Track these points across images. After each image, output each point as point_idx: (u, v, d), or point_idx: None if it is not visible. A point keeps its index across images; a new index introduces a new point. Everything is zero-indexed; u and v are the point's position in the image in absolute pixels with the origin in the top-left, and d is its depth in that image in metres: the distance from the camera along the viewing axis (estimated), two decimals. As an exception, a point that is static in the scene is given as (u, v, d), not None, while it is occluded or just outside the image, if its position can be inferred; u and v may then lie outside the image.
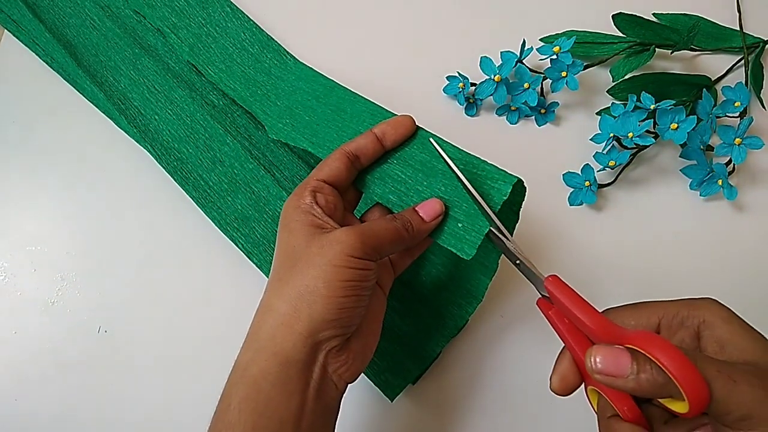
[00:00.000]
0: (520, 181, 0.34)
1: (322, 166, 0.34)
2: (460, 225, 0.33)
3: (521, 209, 0.37)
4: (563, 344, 0.30)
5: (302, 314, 0.29)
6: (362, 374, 0.39)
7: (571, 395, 0.30)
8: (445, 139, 0.37)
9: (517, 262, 0.32)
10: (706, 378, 0.23)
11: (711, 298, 0.28)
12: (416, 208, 0.33)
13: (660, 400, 0.26)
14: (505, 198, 0.33)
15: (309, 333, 0.29)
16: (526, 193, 0.44)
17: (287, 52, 0.46)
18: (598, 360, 0.25)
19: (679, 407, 0.24)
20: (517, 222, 0.38)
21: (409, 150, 0.36)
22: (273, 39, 0.46)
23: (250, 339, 0.31)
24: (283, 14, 0.50)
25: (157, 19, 0.46)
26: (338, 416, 0.33)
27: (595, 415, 0.30)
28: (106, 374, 0.42)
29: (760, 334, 0.27)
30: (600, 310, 0.29)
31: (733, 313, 0.27)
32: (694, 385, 0.23)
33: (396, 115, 0.39)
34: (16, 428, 0.41)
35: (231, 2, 0.48)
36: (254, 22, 0.47)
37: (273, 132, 0.40)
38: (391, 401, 0.39)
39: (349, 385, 0.32)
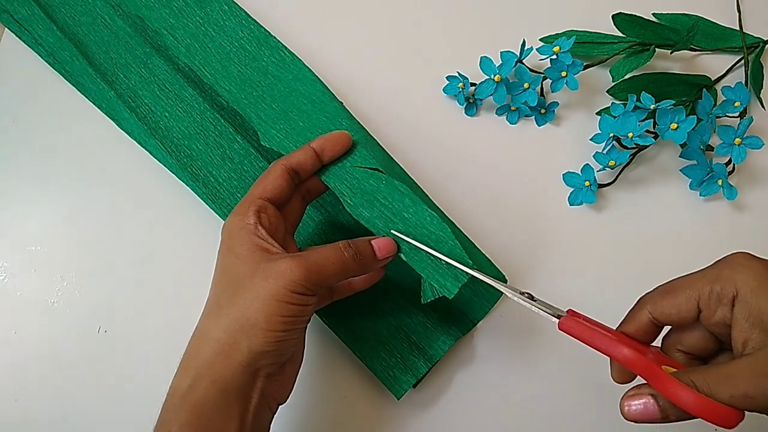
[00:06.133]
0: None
1: (264, 182, 0.34)
2: (443, 263, 0.34)
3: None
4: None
5: (241, 346, 0.30)
6: (369, 371, 0.39)
7: (564, 394, 0.31)
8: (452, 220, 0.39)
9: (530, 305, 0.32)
10: (726, 403, 0.25)
11: (738, 261, 0.28)
12: (372, 241, 0.34)
13: None
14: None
15: (248, 363, 0.30)
16: (527, 193, 0.44)
17: (285, 48, 0.45)
18: (631, 410, 0.28)
19: None
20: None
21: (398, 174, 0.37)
22: (271, 35, 0.46)
23: (186, 364, 0.31)
24: (282, 15, 0.50)
25: (155, 20, 0.46)
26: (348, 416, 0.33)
27: (598, 416, 0.30)
28: (106, 374, 0.42)
29: None
30: (618, 323, 0.30)
31: (764, 277, 0.27)
32: (718, 418, 0.25)
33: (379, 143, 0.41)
34: (16, 428, 0.41)
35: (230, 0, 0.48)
36: (253, 19, 0.46)
37: (266, 139, 0.40)
38: (398, 399, 0.39)
39: (280, 406, 0.33)
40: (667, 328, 0.31)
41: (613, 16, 0.47)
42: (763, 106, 0.46)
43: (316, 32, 0.50)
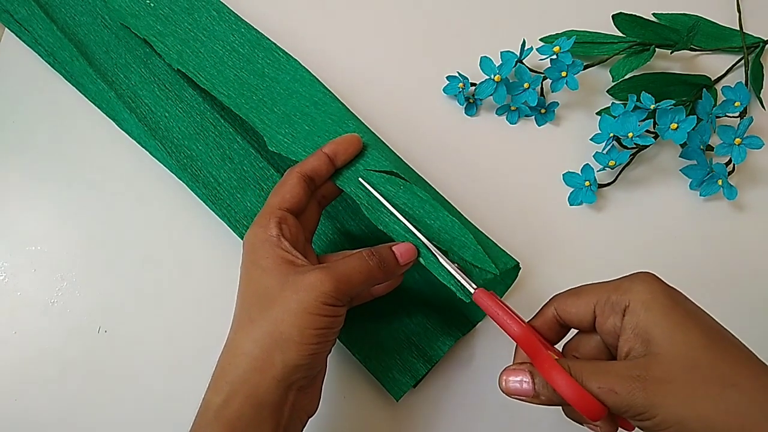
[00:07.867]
0: (514, 267, 0.38)
1: (282, 191, 0.34)
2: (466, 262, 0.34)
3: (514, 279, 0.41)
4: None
5: (275, 360, 0.30)
6: (368, 372, 0.39)
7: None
8: (452, 204, 0.39)
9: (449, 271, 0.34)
10: (593, 393, 0.27)
11: (640, 277, 0.29)
12: (393, 248, 0.34)
13: None
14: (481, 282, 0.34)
15: (282, 377, 0.30)
16: (527, 193, 0.44)
17: (279, 48, 0.45)
18: (508, 384, 0.30)
19: None
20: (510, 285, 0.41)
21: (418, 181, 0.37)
22: (264, 37, 0.45)
23: (219, 379, 0.31)
24: (281, 15, 0.50)
25: (142, 28, 0.45)
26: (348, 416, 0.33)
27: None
28: (106, 374, 0.42)
29: (686, 314, 0.27)
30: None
31: (659, 293, 0.28)
32: (583, 404, 0.27)
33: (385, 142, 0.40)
34: (16, 428, 0.41)
35: (218, 3, 0.47)
36: (243, 22, 0.46)
37: (273, 144, 0.39)
38: (397, 400, 0.39)
39: (309, 419, 0.33)
40: (571, 334, 0.33)
41: (613, 16, 0.47)
42: (763, 106, 0.46)
43: (315, 33, 0.50)
